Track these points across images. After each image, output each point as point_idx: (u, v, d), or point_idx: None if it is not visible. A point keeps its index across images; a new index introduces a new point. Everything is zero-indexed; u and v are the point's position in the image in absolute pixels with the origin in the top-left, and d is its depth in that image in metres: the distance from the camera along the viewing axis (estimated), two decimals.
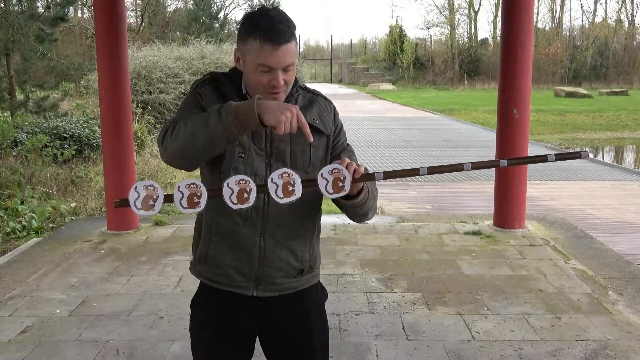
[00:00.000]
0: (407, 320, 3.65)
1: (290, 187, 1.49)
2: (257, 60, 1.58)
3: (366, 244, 5.15)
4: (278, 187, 1.48)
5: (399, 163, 11.01)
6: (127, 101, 5.57)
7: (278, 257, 1.74)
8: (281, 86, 1.61)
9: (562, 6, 43.46)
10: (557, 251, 4.97)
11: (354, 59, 53.28)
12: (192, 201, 1.47)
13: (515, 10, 5.37)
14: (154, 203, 1.48)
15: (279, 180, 1.49)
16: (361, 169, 1.53)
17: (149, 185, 1.48)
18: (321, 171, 1.51)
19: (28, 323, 3.63)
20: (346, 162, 1.52)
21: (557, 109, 21.98)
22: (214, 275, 1.78)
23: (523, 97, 5.39)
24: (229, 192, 1.47)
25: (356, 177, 1.52)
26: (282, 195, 1.49)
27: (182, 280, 4.30)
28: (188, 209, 1.47)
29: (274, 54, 1.56)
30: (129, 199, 1.47)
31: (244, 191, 1.47)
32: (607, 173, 10.12)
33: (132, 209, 1.47)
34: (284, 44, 1.56)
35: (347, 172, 1.50)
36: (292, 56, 1.61)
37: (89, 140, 9.79)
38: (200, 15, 28.03)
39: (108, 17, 5.37)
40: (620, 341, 3.35)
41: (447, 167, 1.60)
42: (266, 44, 1.56)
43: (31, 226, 6.32)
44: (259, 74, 1.60)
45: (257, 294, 1.76)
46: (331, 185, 1.50)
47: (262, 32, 1.56)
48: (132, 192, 1.47)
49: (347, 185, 1.50)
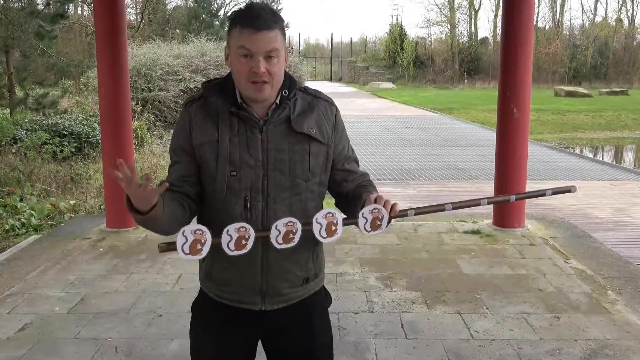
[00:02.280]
0: (407, 319, 3.65)
1: (334, 226, 1.56)
2: (237, 42, 1.58)
3: (365, 242, 5.15)
4: (322, 228, 1.55)
5: (398, 162, 11.01)
6: (126, 99, 5.56)
7: (282, 269, 1.72)
8: (261, 72, 1.57)
9: (562, 5, 43.49)
10: (556, 250, 4.96)
11: (354, 57, 53.28)
12: (240, 243, 1.50)
13: (516, 10, 5.36)
14: (201, 248, 1.49)
15: (323, 220, 1.55)
16: (397, 208, 1.58)
17: (197, 230, 1.48)
18: (362, 210, 1.57)
19: (27, 320, 3.63)
20: (383, 200, 1.56)
21: (557, 108, 21.98)
22: (221, 292, 1.76)
23: (523, 96, 5.38)
24: (276, 233, 1.52)
25: (392, 216, 1.57)
26: (325, 235, 1.55)
27: (181, 278, 4.30)
28: (235, 252, 1.51)
29: (254, 37, 1.56)
30: (177, 244, 1.48)
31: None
32: (607, 172, 10.12)
33: (179, 254, 1.48)
34: (264, 29, 1.56)
35: (386, 211, 1.56)
36: (275, 43, 1.58)
37: (89, 137, 9.78)
38: (200, 12, 28.02)
39: (108, 14, 5.36)
40: (619, 341, 3.35)
41: (468, 202, 1.72)
42: (246, 28, 1.56)
43: (30, 223, 6.32)
44: (240, 61, 1.59)
45: (265, 307, 1.74)
46: (370, 224, 1.57)
47: (243, 18, 1.58)
48: (179, 237, 1.48)
49: (385, 224, 1.57)
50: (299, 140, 1.68)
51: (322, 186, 1.76)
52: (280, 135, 1.67)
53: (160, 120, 12.79)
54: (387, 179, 9.35)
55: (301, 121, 1.68)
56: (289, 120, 1.68)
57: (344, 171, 1.80)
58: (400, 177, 9.56)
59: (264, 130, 1.66)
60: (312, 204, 1.72)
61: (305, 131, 1.68)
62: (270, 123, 1.66)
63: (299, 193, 1.68)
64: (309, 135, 1.68)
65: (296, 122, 1.68)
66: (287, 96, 1.68)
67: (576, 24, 58.78)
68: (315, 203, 1.74)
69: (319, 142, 1.70)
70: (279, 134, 1.67)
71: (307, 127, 1.69)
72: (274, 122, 1.67)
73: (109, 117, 5.49)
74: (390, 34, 44.60)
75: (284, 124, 1.67)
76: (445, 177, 9.49)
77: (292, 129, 1.67)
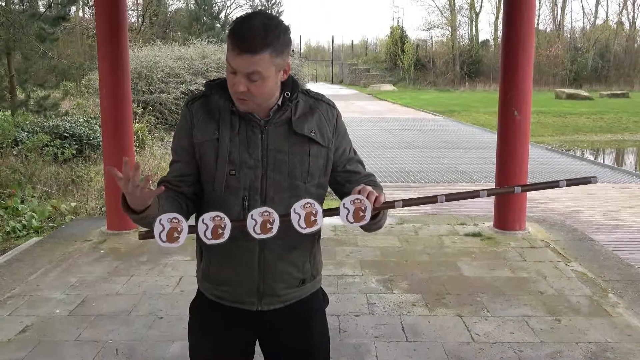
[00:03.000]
0: (407, 321, 3.65)
1: (313, 217, 1.52)
2: (227, 56, 1.59)
3: (366, 245, 5.15)
4: (301, 218, 1.52)
5: (398, 164, 11.01)
6: (127, 101, 5.56)
7: (279, 270, 1.72)
8: (241, 92, 1.57)
9: (563, 8, 43.54)
10: (557, 253, 4.96)
11: (354, 59, 53.30)
12: (216, 232, 1.50)
13: (517, 12, 5.36)
14: (178, 235, 1.51)
15: (301, 210, 1.52)
16: (381, 198, 1.56)
17: (174, 217, 1.50)
18: (343, 201, 1.55)
19: (27, 322, 3.63)
20: (367, 191, 1.55)
21: (558, 110, 21.99)
22: (218, 293, 1.77)
23: (524, 98, 5.38)
24: (252, 223, 1.51)
25: (376, 207, 1.55)
26: (304, 226, 1.53)
27: (181, 280, 4.30)
28: (212, 240, 1.51)
29: (238, 58, 1.54)
30: (154, 232, 1.50)
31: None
32: (608, 175, 10.11)
33: (157, 241, 1.50)
34: (249, 52, 1.52)
35: (369, 202, 1.54)
36: (258, 67, 1.54)
37: (90, 139, 9.79)
38: (202, 15, 28.05)
39: (109, 16, 5.37)
40: (620, 344, 3.35)
41: (464, 193, 1.66)
42: (233, 48, 1.55)
43: (31, 225, 6.32)
44: (228, 75, 1.60)
45: (261, 308, 1.75)
46: (352, 215, 1.54)
47: (234, 35, 1.55)
48: (156, 225, 1.49)
49: (368, 215, 1.55)
50: (299, 141, 1.68)
51: (320, 188, 1.76)
52: (281, 136, 1.67)
53: (161, 122, 12.80)
54: (388, 182, 9.35)
55: (302, 123, 1.69)
56: (290, 121, 1.68)
57: (346, 172, 1.80)
58: (401, 179, 9.57)
59: (265, 131, 1.66)
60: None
61: (306, 133, 1.68)
62: (271, 124, 1.67)
63: (298, 194, 1.68)
64: (309, 137, 1.69)
65: (297, 124, 1.68)
66: (289, 98, 1.68)
67: (577, 27, 58.76)
68: None
69: (318, 145, 1.71)
70: (280, 135, 1.67)
71: (308, 129, 1.69)
72: (275, 123, 1.67)
73: (110, 120, 5.49)
74: (391, 37, 44.64)
75: (284, 125, 1.68)
76: (446, 180, 9.50)
77: (293, 130, 1.68)
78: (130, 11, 26.20)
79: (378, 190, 1.68)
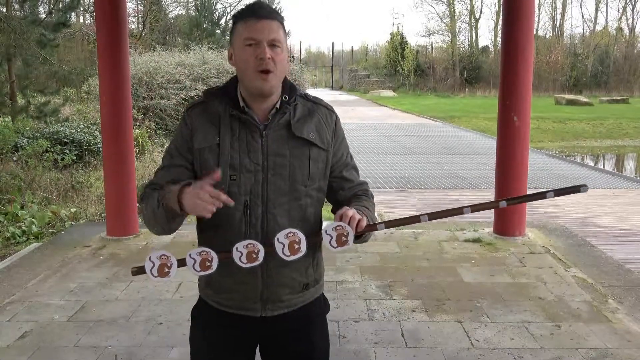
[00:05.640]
0: (407, 327, 3.64)
1: (296, 245, 1.58)
2: (243, 35, 1.63)
3: (366, 250, 5.14)
4: (285, 247, 1.57)
5: (398, 170, 11.01)
6: (128, 107, 5.58)
7: (282, 275, 1.72)
8: (268, 58, 1.60)
9: (562, 14, 43.69)
10: (557, 259, 4.96)
11: (355, 65, 53.42)
12: (204, 265, 1.58)
13: (516, 18, 5.38)
14: (169, 270, 1.60)
15: (285, 239, 1.57)
16: (363, 223, 1.58)
17: (162, 255, 1.59)
18: (325, 228, 1.59)
19: (27, 328, 3.63)
20: (348, 217, 1.57)
21: (558, 116, 22.02)
22: (221, 300, 1.76)
23: (523, 104, 5.40)
24: (238, 255, 1.58)
25: (359, 232, 1.58)
26: (288, 254, 1.58)
27: (181, 286, 4.30)
28: (201, 272, 1.59)
29: (258, 25, 1.61)
30: (145, 268, 1.59)
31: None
32: (608, 181, 10.12)
33: (149, 276, 1.60)
34: (266, 18, 1.62)
35: (350, 228, 1.57)
36: (277, 34, 1.63)
37: (90, 145, 9.80)
38: (202, 21, 28.08)
39: (110, 22, 5.39)
40: (620, 350, 3.34)
41: (447, 211, 1.71)
42: (250, 18, 1.62)
43: (31, 231, 6.32)
44: (246, 51, 1.62)
45: (265, 314, 1.75)
46: (335, 240, 1.58)
47: (245, 12, 1.65)
48: (147, 262, 1.60)
49: (351, 240, 1.58)
50: (299, 145, 1.69)
51: (320, 192, 1.76)
52: (281, 140, 1.68)
53: (161, 128, 12.80)
54: (387, 187, 9.35)
55: (301, 126, 1.70)
56: (289, 125, 1.69)
57: (341, 179, 1.80)
58: (401, 185, 9.56)
59: (265, 135, 1.67)
60: (310, 210, 1.72)
61: (305, 136, 1.69)
62: (271, 128, 1.67)
63: (298, 198, 1.68)
64: (309, 140, 1.69)
65: (296, 127, 1.69)
66: (288, 101, 1.69)
67: (577, 33, 58.91)
68: (314, 209, 1.74)
69: (318, 148, 1.71)
70: (279, 138, 1.68)
71: (307, 132, 1.70)
72: (274, 127, 1.68)
73: (110, 125, 5.51)
74: (391, 42, 44.77)
75: (284, 128, 1.69)
76: (446, 185, 9.50)
77: (292, 133, 1.68)
78: (130, 17, 26.30)
79: (366, 203, 1.74)
